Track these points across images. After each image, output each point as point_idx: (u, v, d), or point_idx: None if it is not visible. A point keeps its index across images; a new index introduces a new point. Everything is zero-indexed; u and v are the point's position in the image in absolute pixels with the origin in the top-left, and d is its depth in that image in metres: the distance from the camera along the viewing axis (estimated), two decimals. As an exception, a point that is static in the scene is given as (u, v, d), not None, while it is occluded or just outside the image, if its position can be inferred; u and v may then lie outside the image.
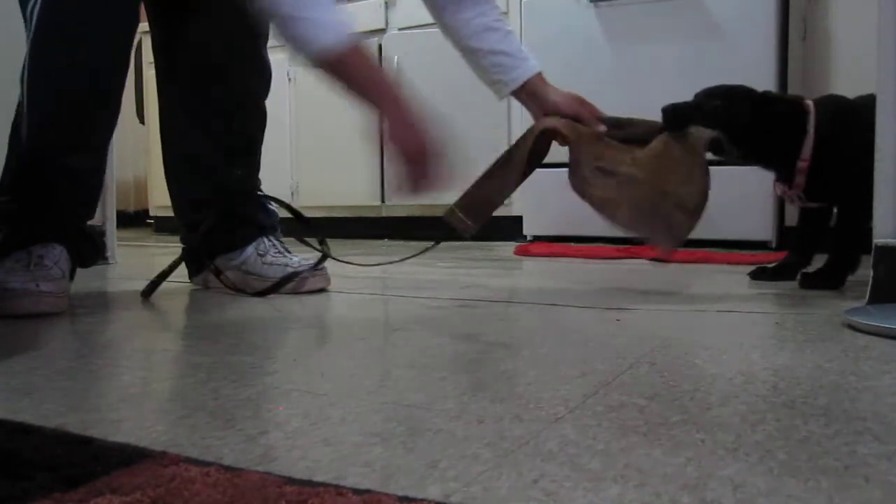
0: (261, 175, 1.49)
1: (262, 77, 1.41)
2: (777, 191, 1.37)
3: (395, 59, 2.82)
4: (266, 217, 1.42)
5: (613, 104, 1.42)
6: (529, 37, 2.47)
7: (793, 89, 2.11)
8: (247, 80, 1.38)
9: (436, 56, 1.36)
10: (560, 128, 1.25)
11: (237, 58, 1.35)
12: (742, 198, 1.98)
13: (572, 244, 2.24)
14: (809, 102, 1.28)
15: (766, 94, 1.29)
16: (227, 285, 1.31)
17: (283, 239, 1.44)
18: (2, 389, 0.68)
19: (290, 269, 1.35)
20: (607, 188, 1.23)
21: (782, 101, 1.30)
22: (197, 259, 1.36)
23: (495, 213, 1.33)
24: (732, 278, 1.49)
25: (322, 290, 1.35)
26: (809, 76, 2.08)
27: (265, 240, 1.39)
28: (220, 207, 1.35)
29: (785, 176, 1.31)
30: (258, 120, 1.43)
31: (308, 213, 3.53)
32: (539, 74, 1.31)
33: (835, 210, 1.32)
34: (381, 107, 1.12)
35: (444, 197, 1.27)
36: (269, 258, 1.36)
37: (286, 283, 1.30)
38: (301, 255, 1.39)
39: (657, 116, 1.34)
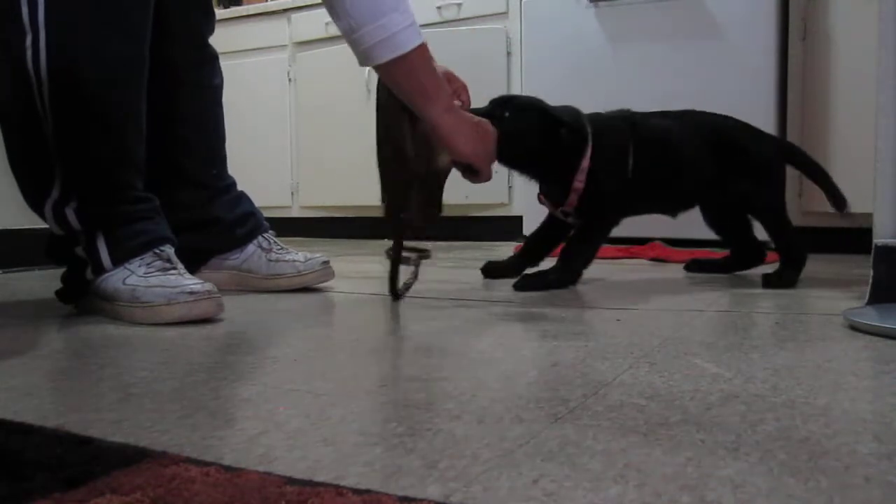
0: (261, 175, 1.47)
1: (213, 72, 1.37)
2: (544, 204, 1.40)
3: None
4: (259, 214, 1.41)
5: (613, 104, 1.43)
6: (529, 37, 2.47)
7: (793, 89, 2.11)
8: (204, 77, 1.35)
9: (435, 55, 1.36)
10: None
11: (189, 56, 1.31)
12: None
13: (572, 244, 2.24)
14: (587, 128, 1.30)
15: (556, 120, 1.28)
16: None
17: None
18: (2, 389, 0.68)
19: (298, 265, 1.35)
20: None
21: (566, 132, 1.29)
22: (194, 259, 1.35)
23: (495, 213, 1.35)
24: (732, 278, 1.49)
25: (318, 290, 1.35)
26: (809, 76, 2.08)
27: (265, 237, 1.38)
28: (199, 209, 1.34)
29: (557, 193, 1.34)
30: (218, 116, 1.39)
31: (308, 214, 3.52)
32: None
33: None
34: (432, 111, 1.07)
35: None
36: (273, 255, 1.36)
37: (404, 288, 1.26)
38: (303, 254, 1.38)
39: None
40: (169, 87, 1.28)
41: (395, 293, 1.23)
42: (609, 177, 1.31)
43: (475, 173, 1.19)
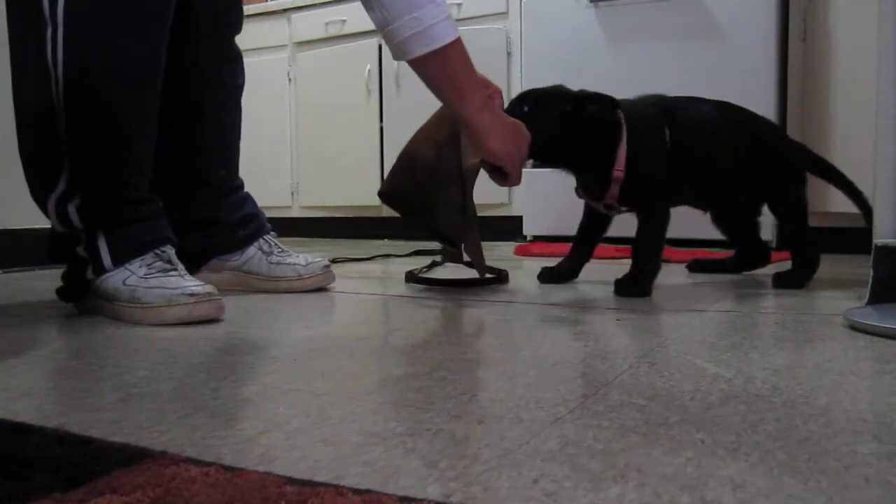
0: (261, 175, 1.46)
1: (237, 71, 1.38)
2: (582, 197, 1.36)
3: (395, 59, 2.83)
4: (262, 216, 1.41)
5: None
6: (529, 37, 2.47)
7: (793, 89, 2.11)
8: (227, 76, 1.35)
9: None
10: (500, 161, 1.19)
11: (214, 56, 1.31)
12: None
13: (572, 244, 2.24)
14: (619, 112, 1.25)
15: (579, 98, 1.24)
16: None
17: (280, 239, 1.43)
18: (2, 389, 0.68)
19: (299, 268, 1.35)
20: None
21: (595, 107, 1.24)
22: (195, 259, 1.35)
23: (496, 213, 1.36)
24: (732, 278, 1.49)
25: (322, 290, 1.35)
26: (809, 76, 2.08)
27: (266, 239, 1.38)
28: (209, 209, 1.34)
29: (596, 185, 1.28)
30: (236, 117, 1.40)
31: (308, 214, 3.52)
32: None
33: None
34: (466, 108, 1.06)
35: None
36: (274, 258, 1.36)
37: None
38: (304, 256, 1.38)
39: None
40: (191, 84, 1.28)
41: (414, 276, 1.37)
42: (650, 159, 1.25)
43: (504, 176, 1.16)
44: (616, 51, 2.31)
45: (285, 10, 3.21)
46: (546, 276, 1.43)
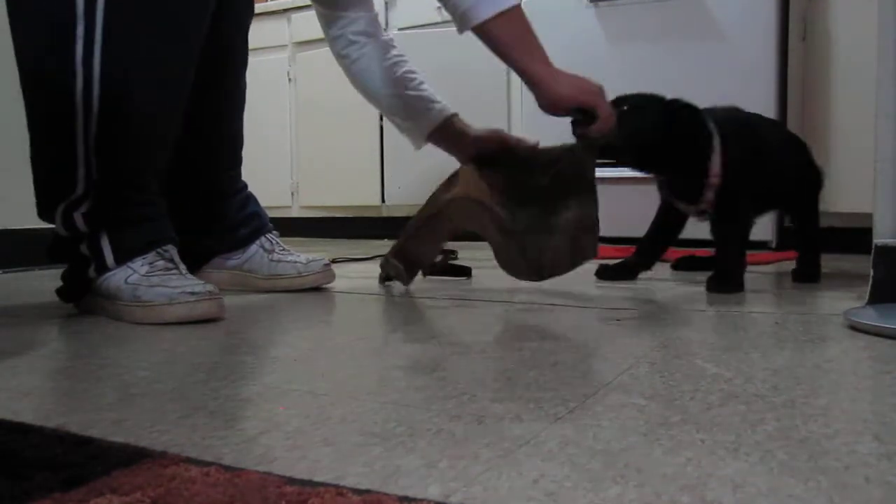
0: (261, 175, 1.47)
1: (244, 72, 1.38)
2: (664, 197, 1.39)
3: (395, 59, 2.83)
4: (265, 215, 1.42)
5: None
6: (529, 37, 2.47)
7: (792, 89, 2.11)
8: (237, 78, 1.36)
9: (435, 56, 1.36)
10: (472, 195, 1.27)
11: (230, 57, 1.32)
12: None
13: (572, 244, 2.23)
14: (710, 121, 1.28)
15: (675, 104, 1.28)
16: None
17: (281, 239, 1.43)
18: (2, 389, 0.68)
19: (300, 266, 1.35)
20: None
21: (690, 112, 1.28)
22: (197, 258, 1.35)
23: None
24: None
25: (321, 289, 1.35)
26: (809, 76, 2.08)
27: (268, 238, 1.39)
28: (214, 208, 1.34)
29: (691, 191, 1.30)
30: (241, 116, 1.40)
31: (308, 214, 3.52)
32: (457, 114, 1.40)
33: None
34: (534, 62, 1.17)
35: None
36: (276, 256, 1.36)
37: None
38: (305, 255, 1.39)
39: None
40: (205, 86, 1.28)
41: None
42: (745, 174, 1.28)
43: (593, 119, 1.16)
44: (616, 51, 2.31)
45: (285, 10, 3.20)
46: (604, 273, 1.45)
